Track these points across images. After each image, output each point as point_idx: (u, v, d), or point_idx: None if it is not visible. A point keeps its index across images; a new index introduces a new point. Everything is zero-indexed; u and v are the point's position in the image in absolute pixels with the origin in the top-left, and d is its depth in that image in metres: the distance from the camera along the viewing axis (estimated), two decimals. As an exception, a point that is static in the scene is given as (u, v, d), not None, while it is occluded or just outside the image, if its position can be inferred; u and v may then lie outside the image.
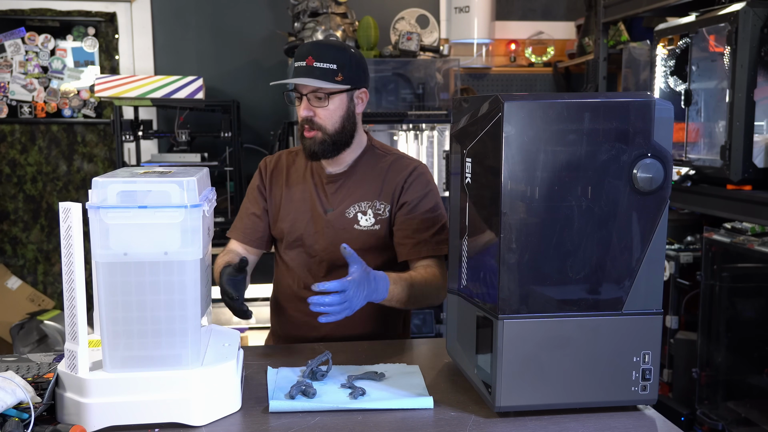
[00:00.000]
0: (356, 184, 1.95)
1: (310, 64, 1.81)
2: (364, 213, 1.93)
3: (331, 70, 1.82)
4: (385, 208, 1.93)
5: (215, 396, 1.34)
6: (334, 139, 1.88)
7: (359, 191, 1.94)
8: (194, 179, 1.30)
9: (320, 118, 1.85)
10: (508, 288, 1.32)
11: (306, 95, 1.85)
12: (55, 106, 4.40)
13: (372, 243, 1.92)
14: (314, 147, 1.87)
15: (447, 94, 4.07)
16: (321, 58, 1.82)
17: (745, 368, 2.97)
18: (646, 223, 1.34)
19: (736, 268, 2.94)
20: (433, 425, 1.34)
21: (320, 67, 1.82)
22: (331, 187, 1.95)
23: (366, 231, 1.92)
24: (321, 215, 1.94)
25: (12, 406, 1.25)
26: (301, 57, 1.83)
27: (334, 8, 3.92)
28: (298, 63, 1.83)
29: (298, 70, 1.83)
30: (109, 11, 4.33)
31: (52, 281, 4.48)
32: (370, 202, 1.94)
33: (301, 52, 1.84)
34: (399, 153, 2.02)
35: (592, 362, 1.36)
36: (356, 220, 1.92)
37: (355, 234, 1.92)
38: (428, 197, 1.94)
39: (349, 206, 1.93)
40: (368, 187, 1.94)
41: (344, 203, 1.94)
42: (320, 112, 1.85)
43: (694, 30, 2.85)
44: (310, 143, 1.87)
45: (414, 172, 1.95)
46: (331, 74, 1.82)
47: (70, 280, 1.26)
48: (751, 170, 2.59)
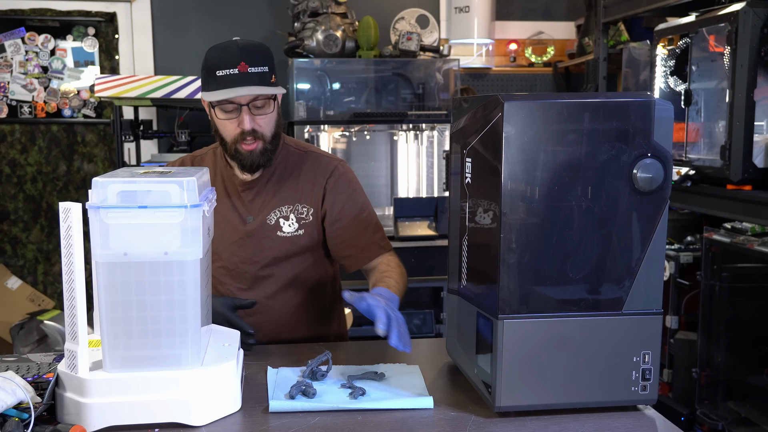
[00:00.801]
0: (274, 187, 1.84)
1: (245, 71, 1.68)
2: (286, 218, 1.84)
3: (266, 73, 1.71)
4: (308, 211, 1.85)
5: (215, 396, 1.34)
6: (273, 146, 1.78)
7: (278, 195, 1.84)
8: (194, 179, 1.30)
9: (261, 126, 1.74)
10: (508, 288, 1.32)
11: (246, 105, 1.71)
12: (55, 106, 4.40)
13: (295, 250, 1.84)
14: (256, 159, 1.76)
15: (447, 94, 4.07)
16: (254, 62, 1.69)
17: (745, 368, 2.97)
18: (646, 223, 1.34)
19: (736, 268, 2.94)
20: (433, 425, 1.34)
21: (256, 72, 1.69)
22: (247, 194, 1.84)
23: (289, 237, 1.83)
24: (238, 226, 1.84)
25: (12, 406, 1.25)
26: (231, 64, 1.68)
27: (334, 8, 3.92)
28: (228, 71, 1.68)
29: (230, 78, 1.68)
30: (109, 11, 4.33)
31: (52, 281, 4.48)
32: (291, 205, 1.84)
33: (226, 58, 1.70)
34: (316, 150, 1.93)
35: (592, 362, 1.36)
36: (279, 227, 1.84)
37: (278, 242, 1.84)
38: (354, 198, 1.87)
39: (270, 212, 1.83)
40: (288, 189, 1.84)
41: (264, 210, 1.84)
42: (261, 121, 1.74)
43: (694, 30, 2.85)
44: (252, 156, 1.75)
45: (335, 172, 1.87)
46: (266, 77, 1.71)
47: (70, 280, 1.26)
48: (751, 170, 2.59)
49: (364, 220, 1.86)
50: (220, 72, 1.69)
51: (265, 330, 1.86)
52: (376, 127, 4.13)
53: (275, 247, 1.83)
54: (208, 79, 1.73)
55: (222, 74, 1.69)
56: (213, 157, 1.91)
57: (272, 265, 1.85)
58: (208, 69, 1.73)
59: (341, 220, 1.85)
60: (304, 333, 1.90)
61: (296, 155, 1.88)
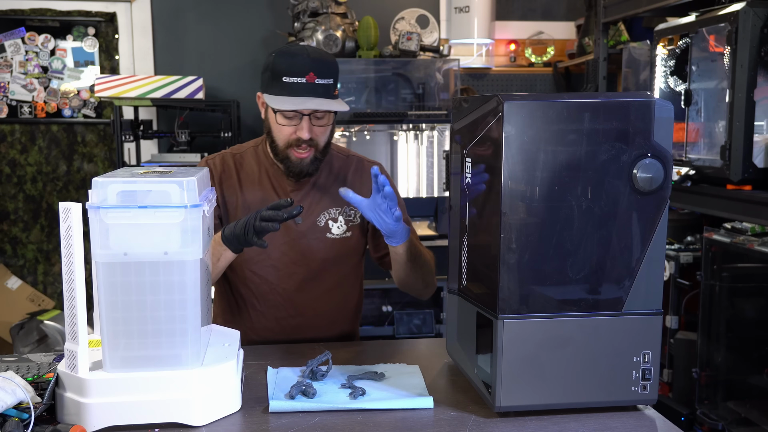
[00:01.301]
0: (321, 190, 1.86)
1: (312, 81, 1.69)
2: (335, 220, 1.86)
3: (330, 85, 1.73)
4: (355, 213, 1.88)
5: (215, 396, 1.34)
6: (323, 155, 1.81)
7: (327, 198, 1.86)
8: (194, 179, 1.30)
9: (317, 136, 1.76)
10: (508, 288, 1.32)
11: (308, 115, 1.73)
12: (55, 106, 4.40)
13: (343, 252, 1.86)
14: (306, 167, 1.78)
15: (447, 94, 4.07)
16: (322, 74, 1.70)
17: (745, 368, 2.97)
18: (646, 223, 1.34)
19: (736, 268, 2.94)
20: (433, 425, 1.34)
21: (322, 84, 1.70)
22: (296, 195, 1.85)
23: (338, 239, 1.86)
24: (290, 226, 1.83)
25: (12, 406, 1.25)
26: (300, 73, 1.69)
27: (334, 8, 3.92)
28: (296, 79, 1.69)
29: (298, 87, 1.69)
30: (109, 11, 4.33)
31: (52, 281, 4.48)
32: (339, 208, 1.87)
33: (296, 66, 1.70)
34: (357, 155, 1.96)
35: (592, 362, 1.36)
36: (328, 229, 1.86)
37: (327, 243, 1.86)
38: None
39: (319, 214, 1.86)
40: (335, 192, 1.80)
41: (313, 212, 1.86)
42: (318, 131, 1.76)
43: (694, 30, 2.85)
44: (301, 164, 1.77)
45: None
46: (330, 90, 1.73)
47: (70, 280, 1.26)
48: (751, 170, 2.59)
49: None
50: (287, 78, 1.70)
51: (305, 332, 1.88)
52: (376, 127, 4.13)
53: (325, 249, 1.86)
54: (272, 82, 1.73)
55: (289, 81, 1.69)
56: (255, 154, 1.90)
57: (321, 267, 1.87)
58: (273, 72, 1.73)
59: None
60: (338, 332, 1.93)
61: (340, 159, 1.92)
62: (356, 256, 1.93)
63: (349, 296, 1.96)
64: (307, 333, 1.89)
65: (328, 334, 1.92)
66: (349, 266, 1.91)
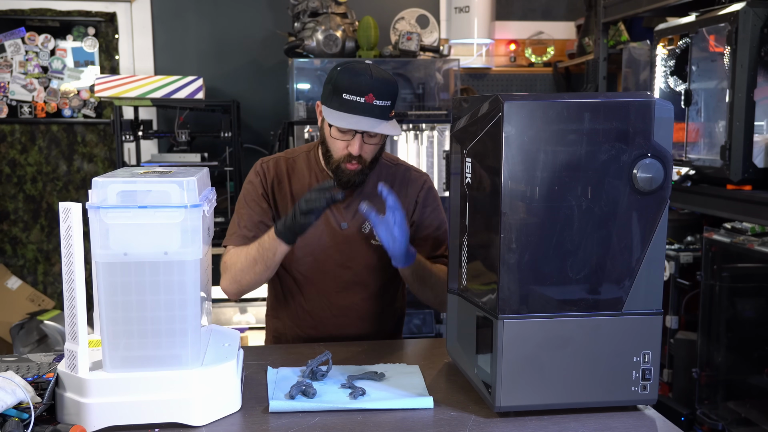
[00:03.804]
0: (369, 197, 1.88)
1: (370, 102, 1.73)
2: None
3: (387, 107, 1.76)
4: None
5: (215, 396, 1.34)
6: (371, 168, 1.85)
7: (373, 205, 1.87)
8: (194, 179, 1.30)
9: (366, 153, 1.80)
10: (508, 288, 1.32)
11: (361, 133, 1.77)
12: (55, 106, 4.40)
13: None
14: (353, 178, 1.83)
15: (447, 94, 4.07)
16: (381, 96, 1.74)
17: (745, 368, 2.97)
18: (646, 223, 1.34)
19: (736, 268, 2.94)
20: (433, 425, 1.34)
21: (380, 106, 1.74)
22: (343, 202, 1.89)
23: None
24: (336, 229, 1.89)
25: (12, 406, 1.25)
26: (360, 92, 1.72)
27: (334, 8, 3.92)
28: (355, 97, 1.73)
29: (356, 105, 1.73)
30: (109, 11, 4.33)
31: (52, 281, 4.48)
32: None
33: (357, 85, 1.73)
34: (405, 163, 2.02)
35: (592, 362, 1.36)
36: (372, 235, 1.90)
37: (371, 249, 1.90)
38: (437, 212, 1.97)
39: (364, 221, 1.89)
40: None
41: (358, 217, 1.89)
42: (368, 148, 1.80)
43: (694, 30, 2.85)
44: (351, 175, 1.82)
45: (425, 185, 1.98)
46: (387, 112, 1.77)
47: (70, 280, 1.26)
48: (751, 170, 2.59)
49: (440, 235, 1.96)
50: (347, 96, 1.73)
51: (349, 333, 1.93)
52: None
53: (368, 254, 1.91)
54: (332, 97, 1.77)
55: (348, 98, 1.73)
56: (306, 160, 1.95)
57: (365, 272, 1.93)
58: (335, 87, 1.76)
59: (423, 231, 1.94)
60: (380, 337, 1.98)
61: (388, 167, 1.96)
62: None
63: (392, 302, 2.01)
64: (350, 333, 1.94)
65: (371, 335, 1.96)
66: (392, 273, 1.92)
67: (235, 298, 1.91)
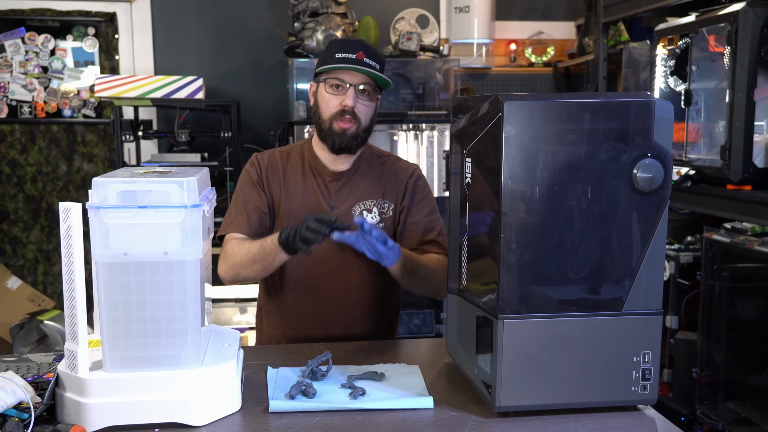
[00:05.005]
0: (359, 182, 1.97)
1: (362, 59, 1.83)
2: (369, 211, 1.95)
3: (378, 68, 1.86)
4: (389, 206, 1.97)
5: (215, 396, 1.34)
6: (363, 136, 1.92)
7: (363, 190, 1.96)
8: (194, 179, 1.30)
9: (360, 111, 1.87)
10: (508, 288, 1.32)
11: (354, 86, 1.85)
12: (55, 106, 4.40)
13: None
14: (347, 140, 1.88)
15: (447, 94, 4.07)
16: (371, 56, 1.84)
17: (745, 368, 2.97)
18: (646, 223, 1.34)
19: (736, 268, 2.94)
20: (433, 425, 1.34)
21: (370, 64, 1.84)
22: (335, 185, 1.96)
23: None
24: (327, 211, 1.94)
25: (12, 406, 1.25)
26: (351, 50, 1.84)
27: (334, 8, 3.92)
28: (345, 54, 1.83)
29: (348, 60, 1.83)
30: (109, 11, 4.33)
31: (52, 281, 4.48)
32: (375, 200, 1.96)
33: (348, 45, 1.85)
34: (394, 155, 2.08)
35: (592, 362, 1.36)
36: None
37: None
38: (428, 199, 2.01)
39: (354, 204, 1.94)
40: (372, 185, 1.96)
41: (349, 201, 1.95)
42: (362, 107, 1.87)
43: (694, 30, 2.85)
44: (344, 136, 1.87)
45: (415, 173, 2.02)
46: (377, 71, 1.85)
47: (70, 280, 1.26)
48: (751, 170, 2.59)
49: (432, 221, 1.98)
50: (339, 54, 1.85)
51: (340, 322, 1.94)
52: (377, 127, 4.11)
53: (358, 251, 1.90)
54: (325, 60, 1.88)
55: (340, 56, 1.84)
56: (300, 151, 2.02)
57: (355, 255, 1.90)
58: (327, 53, 1.88)
59: (414, 216, 1.97)
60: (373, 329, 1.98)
61: (379, 157, 2.04)
62: None
63: (384, 291, 2.01)
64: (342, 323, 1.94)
65: (364, 330, 1.96)
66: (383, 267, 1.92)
67: (228, 284, 1.96)
